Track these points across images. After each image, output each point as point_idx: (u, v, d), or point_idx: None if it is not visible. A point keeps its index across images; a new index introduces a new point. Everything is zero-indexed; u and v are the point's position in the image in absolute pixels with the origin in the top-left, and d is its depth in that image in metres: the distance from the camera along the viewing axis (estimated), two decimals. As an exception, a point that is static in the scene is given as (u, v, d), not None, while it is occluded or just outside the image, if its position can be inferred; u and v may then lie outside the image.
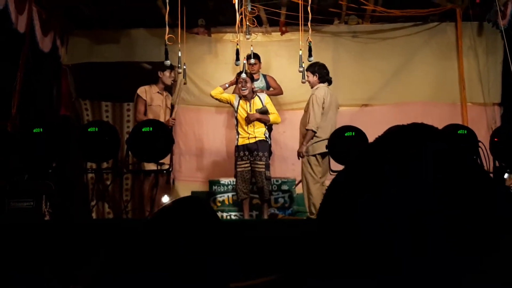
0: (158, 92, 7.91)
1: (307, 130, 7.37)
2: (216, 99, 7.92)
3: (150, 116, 7.70)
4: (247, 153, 7.56)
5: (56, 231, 5.01)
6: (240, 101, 7.66)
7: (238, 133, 7.67)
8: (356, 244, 0.86)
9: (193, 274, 1.46)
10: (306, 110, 7.55)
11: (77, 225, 5.47)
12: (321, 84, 7.56)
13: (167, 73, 7.88)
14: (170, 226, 1.55)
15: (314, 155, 7.37)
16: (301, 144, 7.45)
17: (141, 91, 7.82)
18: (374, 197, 0.88)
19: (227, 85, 7.97)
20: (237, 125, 7.70)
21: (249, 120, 7.56)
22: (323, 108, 7.42)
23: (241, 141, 7.61)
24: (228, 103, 7.87)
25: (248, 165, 7.56)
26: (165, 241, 1.50)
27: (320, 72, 7.58)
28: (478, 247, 0.83)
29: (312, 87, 7.62)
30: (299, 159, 7.49)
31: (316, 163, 7.39)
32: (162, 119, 7.73)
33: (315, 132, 7.31)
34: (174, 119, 8.24)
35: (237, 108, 7.66)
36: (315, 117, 7.36)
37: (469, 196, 0.87)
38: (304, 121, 7.54)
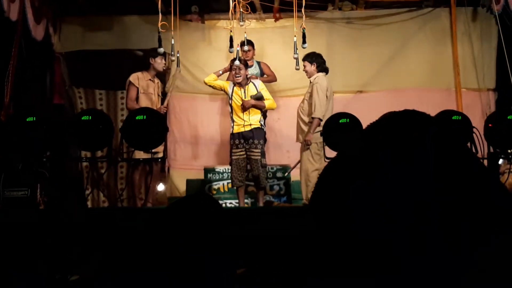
0: (150, 79, 7.85)
1: (313, 118, 7.34)
2: (210, 86, 7.90)
3: (143, 103, 7.64)
4: (242, 141, 7.54)
5: (52, 224, 5.00)
6: (235, 88, 7.64)
7: (233, 121, 7.64)
8: (352, 239, 0.86)
9: (191, 273, 1.45)
10: (307, 99, 7.53)
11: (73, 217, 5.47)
12: (320, 73, 7.57)
13: (158, 59, 7.81)
14: (173, 224, 1.54)
15: (316, 143, 7.35)
16: (308, 132, 7.40)
17: (134, 78, 7.74)
18: (367, 182, 0.87)
19: (220, 72, 7.95)
20: (232, 112, 7.68)
21: (244, 107, 7.54)
22: (326, 96, 7.43)
23: (236, 129, 7.59)
24: (222, 90, 7.86)
25: (243, 153, 7.55)
26: (166, 240, 1.49)
27: (318, 61, 7.61)
28: (475, 242, 0.83)
29: (309, 77, 7.62)
30: (307, 148, 7.42)
31: (317, 151, 7.38)
32: (155, 107, 7.70)
33: (321, 120, 7.27)
34: (166, 107, 8.20)
35: (232, 95, 7.63)
36: (320, 105, 7.35)
37: (467, 185, 0.86)
38: (306, 109, 7.52)
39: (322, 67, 7.62)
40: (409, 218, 0.83)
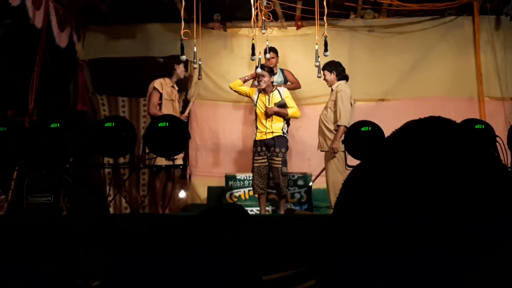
0: (172, 86, 7.86)
1: (339, 126, 7.30)
2: (235, 91, 7.94)
3: (165, 110, 7.61)
4: (264, 148, 7.53)
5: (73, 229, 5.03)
6: (260, 95, 7.65)
7: (256, 128, 7.65)
8: (381, 242, 0.87)
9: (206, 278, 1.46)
10: (331, 106, 7.49)
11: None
12: (341, 81, 7.55)
13: (181, 66, 7.81)
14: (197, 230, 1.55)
15: (344, 151, 7.28)
16: (334, 140, 7.35)
17: (158, 84, 7.69)
18: (395, 188, 0.88)
19: (247, 77, 7.96)
20: (256, 119, 7.69)
21: (267, 114, 7.54)
22: (351, 104, 7.41)
23: (258, 136, 7.59)
24: (247, 96, 7.89)
25: (265, 160, 7.53)
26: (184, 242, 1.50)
27: (337, 70, 7.57)
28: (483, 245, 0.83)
29: (330, 86, 7.62)
30: (333, 156, 7.37)
31: (345, 159, 7.32)
32: (176, 113, 7.71)
33: (347, 128, 7.16)
34: (186, 116, 8.23)
35: (256, 102, 7.65)
36: (345, 113, 7.31)
37: (492, 188, 0.87)
38: (331, 117, 7.48)
39: (342, 75, 7.59)
40: (433, 218, 0.84)
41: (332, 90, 7.60)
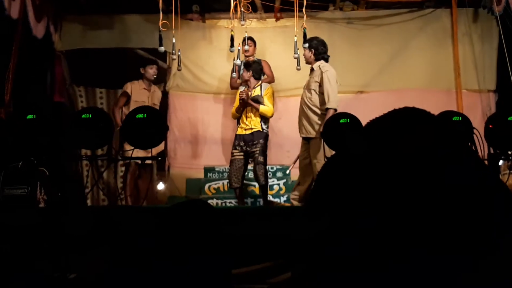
0: (144, 88, 7.98)
1: (328, 109, 6.95)
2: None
3: None
4: (242, 143, 7.56)
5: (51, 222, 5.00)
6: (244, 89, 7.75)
7: (238, 123, 7.71)
8: (361, 234, 0.86)
9: (188, 273, 1.45)
10: (315, 88, 7.12)
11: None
12: (322, 61, 7.23)
13: (148, 68, 8.06)
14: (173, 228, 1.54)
15: None
16: (323, 124, 6.84)
17: (127, 86, 8.01)
18: (372, 180, 0.88)
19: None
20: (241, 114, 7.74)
21: (242, 101, 7.58)
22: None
23: (239, 131, 7.68)
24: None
25: (241, 154, 7.56)
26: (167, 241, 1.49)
27: (317, 48, 7.20)
28: (474, 246, 0.83)
29: (308, 63, 7.31)
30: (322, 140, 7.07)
31: None
32: None
33: (336, 111, 6.94)
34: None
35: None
36: (334, 94, 6.99)
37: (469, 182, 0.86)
38: (316, 100, 7.11)
39: (320, 56, 7.25)
40: (411, 214, 0.84)
41: (312, 69, 7.29)
